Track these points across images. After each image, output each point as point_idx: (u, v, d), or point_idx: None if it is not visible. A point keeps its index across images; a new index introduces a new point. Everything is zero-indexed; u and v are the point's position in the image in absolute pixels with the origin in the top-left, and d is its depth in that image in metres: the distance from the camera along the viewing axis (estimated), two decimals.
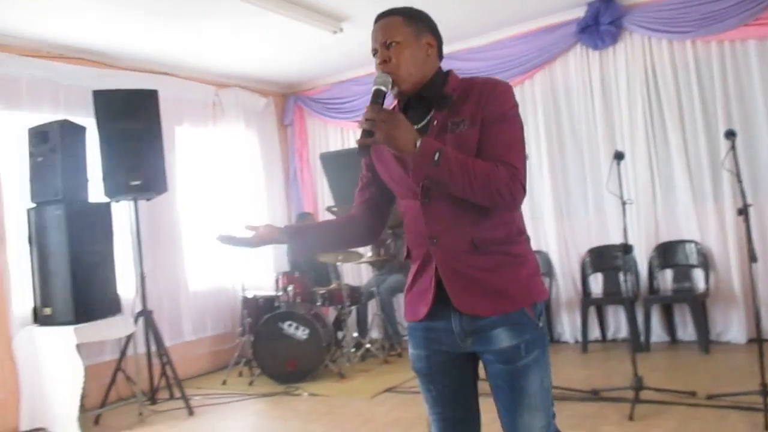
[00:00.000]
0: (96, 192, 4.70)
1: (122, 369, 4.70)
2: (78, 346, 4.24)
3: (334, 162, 2.31)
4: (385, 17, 1.76)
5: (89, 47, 5.32)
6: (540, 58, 5.92)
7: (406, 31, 1.72)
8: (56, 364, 4.34)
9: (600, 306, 5.71)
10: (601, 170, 5.61)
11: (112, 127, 4.73)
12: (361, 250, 6.82)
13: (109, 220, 4.70)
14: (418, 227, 1.77)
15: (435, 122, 1.72)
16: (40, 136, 4.49)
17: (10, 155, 4.73)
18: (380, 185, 1.90)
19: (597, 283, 5.74)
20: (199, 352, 6.08)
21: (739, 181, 3.70)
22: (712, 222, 5.26)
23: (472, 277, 1.68)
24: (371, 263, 6.07)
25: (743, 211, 3.76)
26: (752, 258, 3.76)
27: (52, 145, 4.43)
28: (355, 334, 6.14)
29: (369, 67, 6.96)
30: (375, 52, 1.76)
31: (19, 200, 4.67)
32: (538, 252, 5.88)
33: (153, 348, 4.86)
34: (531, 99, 6.00)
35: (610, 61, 5.67)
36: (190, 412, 4.62)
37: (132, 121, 4.77)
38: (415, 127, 1.70)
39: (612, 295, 5.58)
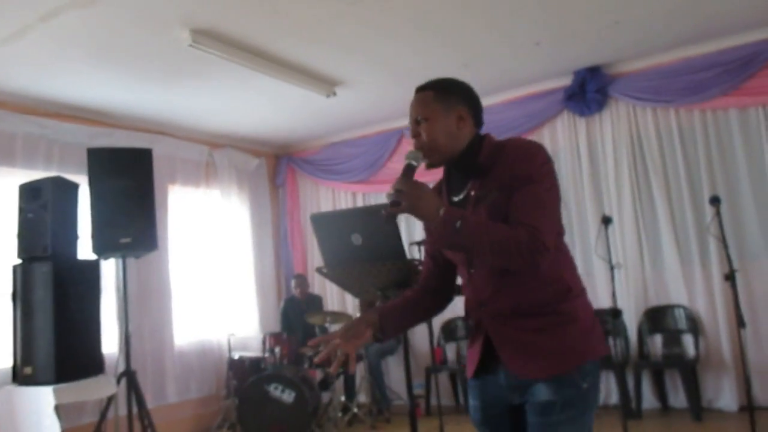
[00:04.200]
0: (85, 249, 4.69)
1: None
2: (57, 408, 4.13)
3: (324, 223, 2.32)
4: (418, 92, 1.84)
5: (85, 106, 5.40)
6: (528, 124, 6.06)
7: (435, 107, 1.79)
8: (33, 426, 4.22)
9: None
10: (590, 234, 5.66)
11: (104, 185, 4.73)
12: (350, 310, 6.78)
13: (97, 278, 4.64)
14: (468, 293, 1.89)
15: (472, 193, 1.78)
16: (31, 192, 4.48)
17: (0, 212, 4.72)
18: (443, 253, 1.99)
19: None
20: (182, 416, 5.92)
21: (725, 247, 3.76)
22: (700, 287, 5.28)
23: (520, 340, 1.74)
24: None
25: (730, 277, 3.81)
26: (740, 324, 3.77)
27: (43, 201, 4.42)
28: (343, 398, 6.01)
29: (361, 129, 7.09)
30: (412, 126, 1.85)
31: (5, 256, 4.64)
32: None
33: (135, 410, 4.72)
34: None
35: (596, 128, 5.81)
36: None
37: (125, 179, 4.77)
38: (456, 198, 1.83)
39: (602, 360, 5.50)
